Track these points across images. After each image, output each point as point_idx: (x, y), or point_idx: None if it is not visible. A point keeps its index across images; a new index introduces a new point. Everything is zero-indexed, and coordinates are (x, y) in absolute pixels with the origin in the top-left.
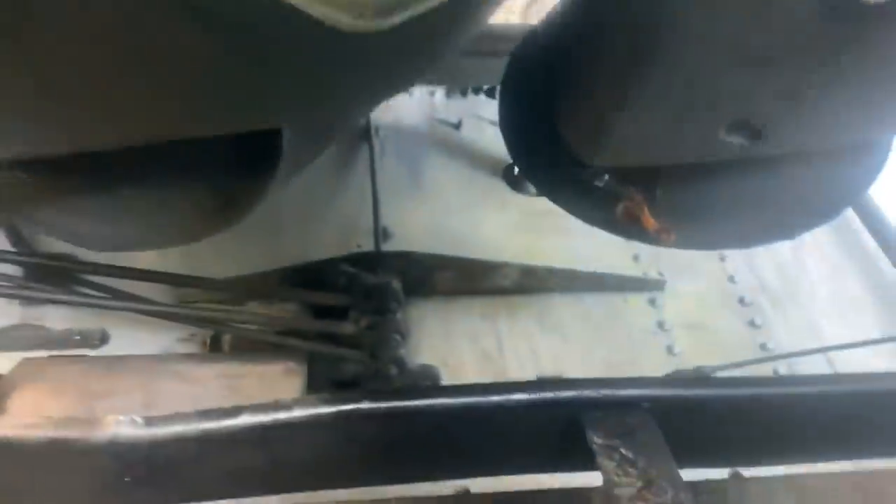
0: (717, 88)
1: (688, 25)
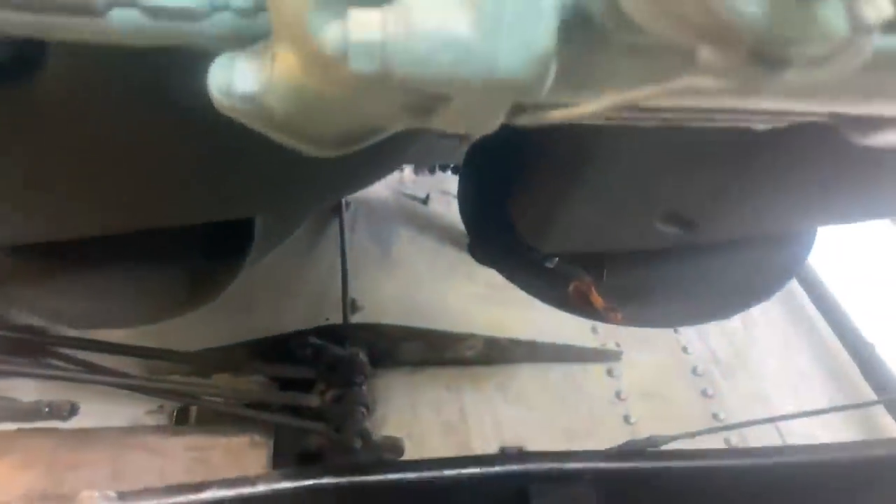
0: (651, 186)
1: (619, 136)
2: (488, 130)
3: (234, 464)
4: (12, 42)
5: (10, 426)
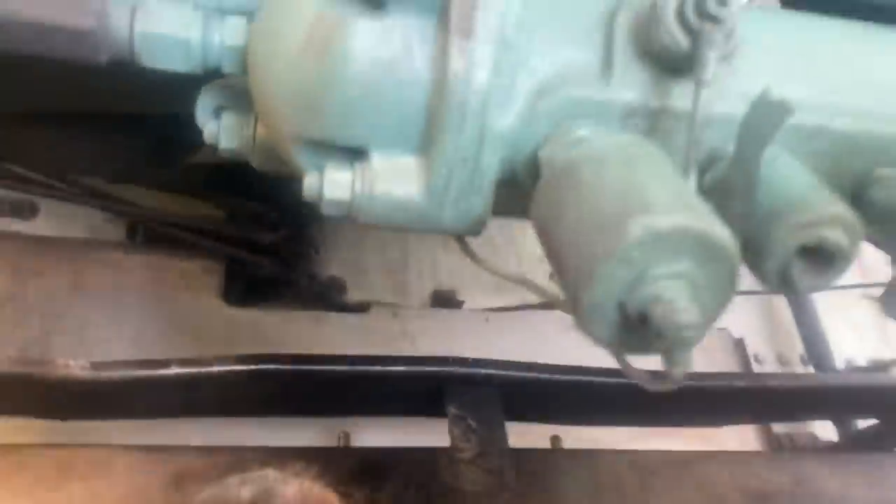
0: None
1: None
2: None
3: (188, 286)
4: None
5: None
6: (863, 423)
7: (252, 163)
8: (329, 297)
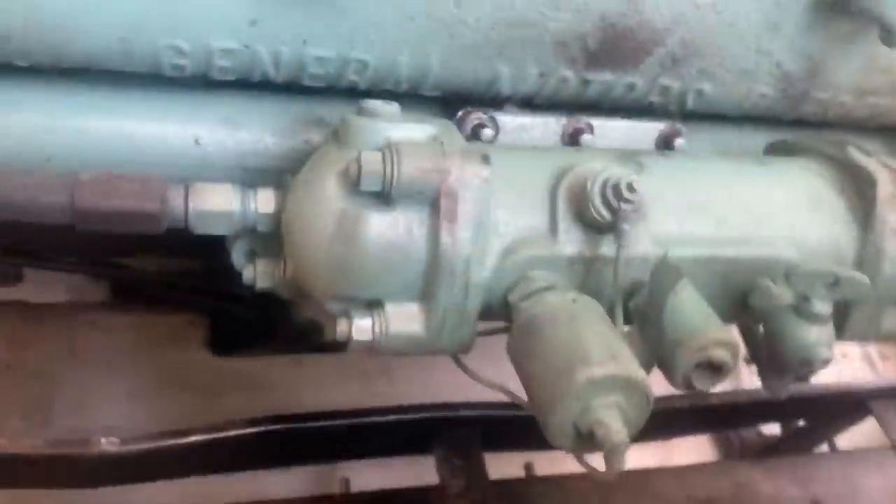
0: None
1: None
2: None
3: (174, 341)
4: None
5: None
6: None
7: (282, 296)
8: (308, 339)
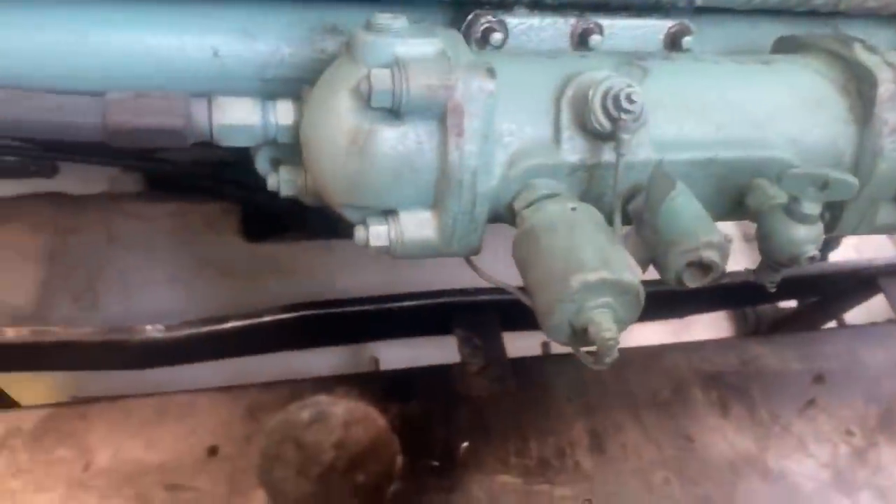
0: None
1: None
2: None
3: (210, 227)
4: None
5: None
6: None
7: (305, 202)
8: (339, 226)
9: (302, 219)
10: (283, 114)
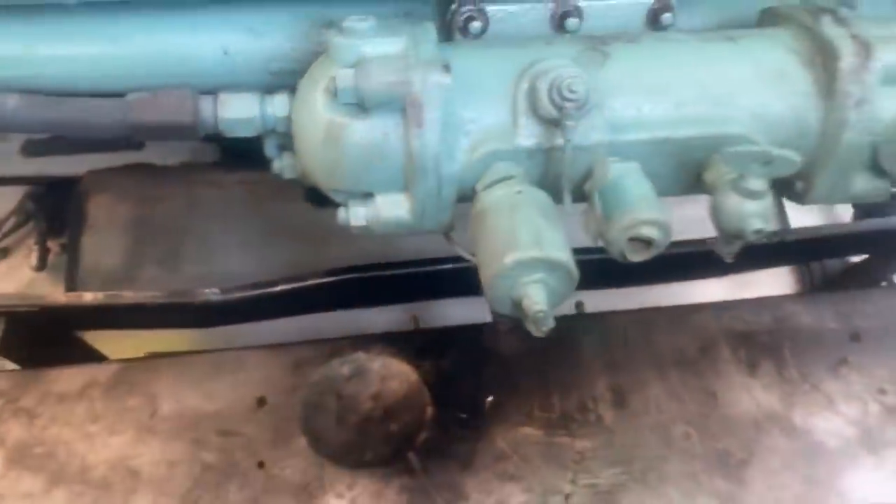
0: None
1: None
2: None
3: (280, 195)
4: None
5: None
6: None
7: (305, 185)
8: None
9: None
10: (280, 106)
